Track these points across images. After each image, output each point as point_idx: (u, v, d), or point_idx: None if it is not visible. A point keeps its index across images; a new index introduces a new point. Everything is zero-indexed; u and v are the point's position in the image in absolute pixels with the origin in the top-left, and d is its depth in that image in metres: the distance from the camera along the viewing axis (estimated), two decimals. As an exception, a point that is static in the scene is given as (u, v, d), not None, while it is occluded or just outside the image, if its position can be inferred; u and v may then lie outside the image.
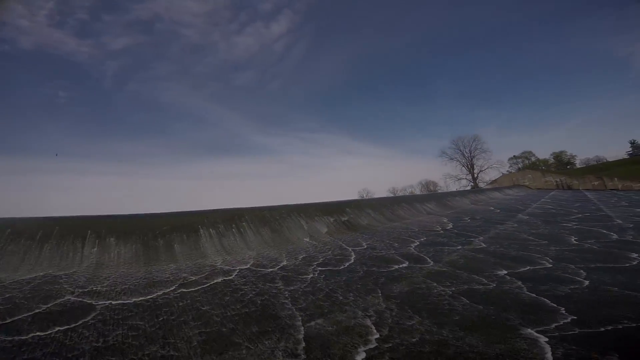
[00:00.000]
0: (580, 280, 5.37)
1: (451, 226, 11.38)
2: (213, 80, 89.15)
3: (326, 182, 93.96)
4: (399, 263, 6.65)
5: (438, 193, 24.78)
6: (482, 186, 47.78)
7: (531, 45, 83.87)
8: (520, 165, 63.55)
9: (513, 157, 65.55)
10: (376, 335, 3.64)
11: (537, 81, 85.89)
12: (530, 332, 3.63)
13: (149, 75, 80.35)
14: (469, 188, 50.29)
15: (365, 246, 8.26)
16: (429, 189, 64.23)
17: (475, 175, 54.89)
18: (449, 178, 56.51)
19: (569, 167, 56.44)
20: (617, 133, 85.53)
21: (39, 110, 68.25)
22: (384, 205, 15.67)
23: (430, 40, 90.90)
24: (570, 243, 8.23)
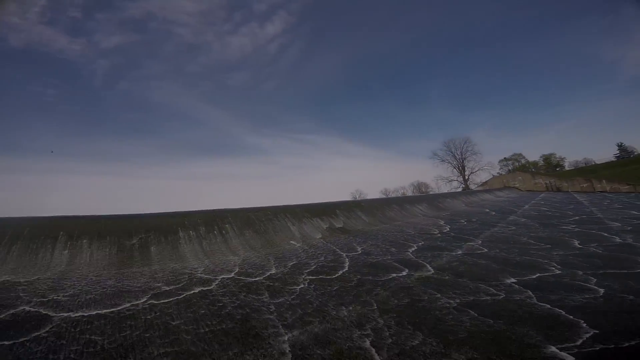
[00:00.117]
0: (593, 288, 4.96)
1: (448, 229, 10.96)
2: (206, 80, 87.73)
3: (319, 184, 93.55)
4: (396, 270, 6.14)
5: (431, 194, 24.52)
6: (473, 188, 47.99)
7: (521, 49, 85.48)
8: (510, 167, 64.24)
9: (503, 159, 66.27)
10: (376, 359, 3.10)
11: (527, 84, 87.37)
12: (554, 351, 3.16)
13: (141, 74, 78.60)
14: (460, 190, 50.48)
15: (360, 251, 7.73)
16: (421, 190, 64.35)
17: (467, 177, 55.19)
18: (440, 180, 56.66)
19: (558, 170, 57.30)
20: (605, 136, 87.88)
21: (27, 109, 65.89)
22: (378, 206, 15.21)
23: (422, 43, 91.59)
24: (574, 247, 7.88)
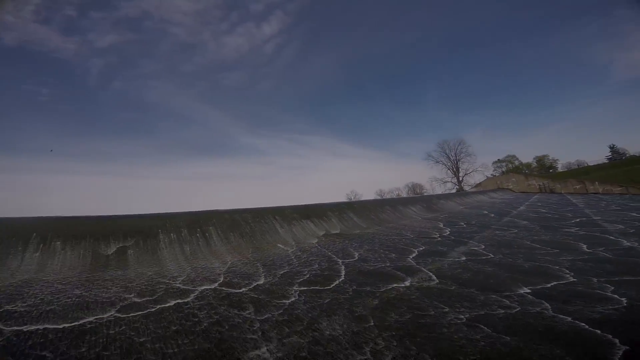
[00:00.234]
0: (612, 297, 4.51)
1: (448, 232, 10.50)
2: (202, 80, 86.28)
3: (315, 184, 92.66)
4: (397, 280, 5.61)
5: (427, 196, 24.18)
6: (467, 189, 47.96)
7: (515, 51, 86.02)
8: (504, 168, 64.47)
9: (497, 161, 66.49)
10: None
11: (521, 86, 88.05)
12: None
13: (136, 74, 76.82)
14: (454, 191, 50.42)
15: (357, 257, 7.19)
16: (415, 191, 64.20)
17: (461, 179, 55.24)
18: (434, 181, 56.54)
19: (551, 171, 57.64)
20: (597, 138, 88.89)
21: (19, 108, 64.12)
22: (373, 208, 14.72)
23: (418, 44, 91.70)
24: (582, 251, 7.46)
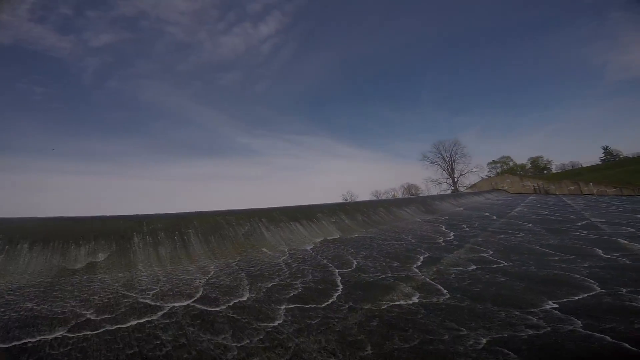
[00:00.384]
0: (651, 316, 3.88)
1: (452, 236, 9.85)
2: (197, 80, 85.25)
3: (311, 185, 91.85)
4: (400, 294, 4.90)
5: (426, 197, 23.62)
6: (462, 190, 47.74)
7: (510, 52, 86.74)
8: (498, 169, 64.52)
9: (492, 162, 66.57)
10: None
11: (516, 87, 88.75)
12: None
13: (131, 73, 75.71)
14: (449, 192, 50.17)
15: (355, 266, 6.47)
16: (411, 192, 63.88)
17: (456, 179, 55.10)
18: (430, 182, 56.33)
19: (545, 172, 57.82)
20: (591, 139, 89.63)
21: (13, 107, 62.55)
22: (370, 209, 14.05)
23: (414, 45, 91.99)
24: (599, 257, 6.86)
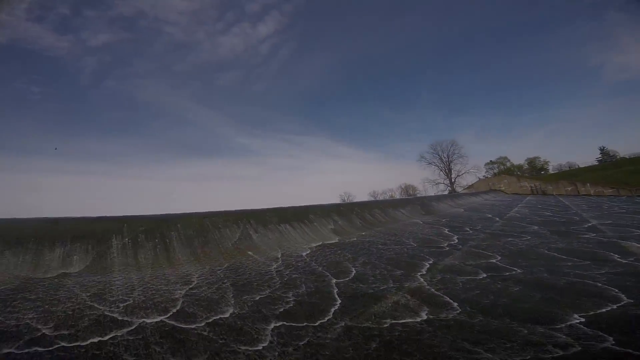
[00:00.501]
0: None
1: (456, 240, 9.32)
2: (195, 80, 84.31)
3: (309, 185, 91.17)
4: (405, 309, 4.33)
5: (425, 197, 23.17)
6: (459, 191, 47.48)
7: (507, 53, 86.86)
8: (496, 170, 64.44)
9: (489, 162, 66.44)
10: None
11: (514, 88, 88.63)
12: None
13: (128, 73, 74.82)
14: (446, 192, 49.94)
15: (353, 275, 5.89)
16: (409, 192, 63.58)
17: (453, 180, 54.92)
18: (427, 182, 56.18)
19: (542, 173, 57.84)
20: (588, 140, 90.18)
21: (9, 106, 61.59)
22: (368, 210, 13.52)
23: (412, 46, 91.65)
24: (616, 262, 6.36)
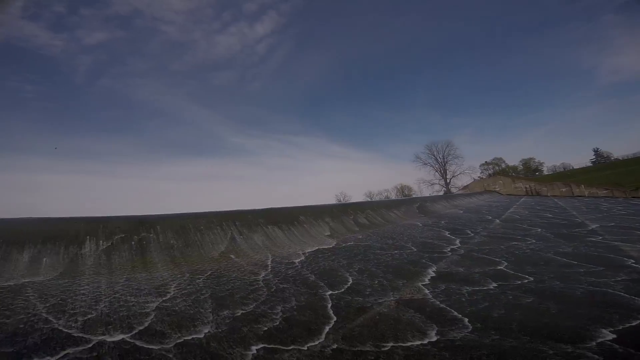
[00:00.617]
0: None
1: (458, 244, 8.82)
2: (191, 79, 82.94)
3: (304, 185, 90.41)
4: (411, 330, 3.77)
5: (422, 198, 22.74)
6: (455, 191, 47.30)
7: (503, 55, 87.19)
8: (491, 171, 64.58)
9: (484, 163, 66.59)
10: None
11: (508, 90, 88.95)
12: None
13: (123, 71, 73.25)
14: (441, 193, 49.73)
15: (349, 284, 5.33)
16: (404, 193, 63.37)
17: (448, 181, 54.72)
18: (422, 183, 55.84)
19: (537, 174, 58.12)
20: (582, 141, 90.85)
21: (1, 104, 59.89)
22: (364, 211, 12.99)
23: (408, 48, 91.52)
24: (631, 268, 5.90)
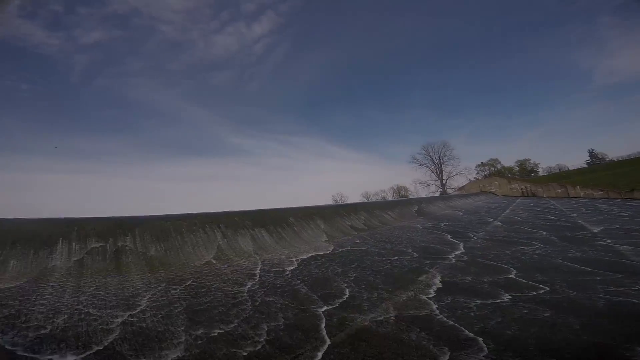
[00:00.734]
0: None
1: (462, 249, 8.28)
2: (189, 79, 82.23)
3: (302, 186, 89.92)
4: (417, 351, 3.19)
5: (419, 199, 22.30)
6: (450, 192, 47.08)
7: (499, 57, 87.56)
8: (487, 172, 64.63)
9: (480, 164, 66.62)
10: None
11: (505, 91, 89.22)
12: None
13: (120, 71, 72.52)
14: (437, 194, 49.52)
15: (345, 298, 4.73)
16: (401, 194, 63.11)
17: (444, 182, 54.54)
18: (419, 184, 55.64)
19: (532, 175, 58.29)
20: (577, 142, 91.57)
21: None
22: (360, 212, 12.43)
23: (405, 49, 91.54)
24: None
